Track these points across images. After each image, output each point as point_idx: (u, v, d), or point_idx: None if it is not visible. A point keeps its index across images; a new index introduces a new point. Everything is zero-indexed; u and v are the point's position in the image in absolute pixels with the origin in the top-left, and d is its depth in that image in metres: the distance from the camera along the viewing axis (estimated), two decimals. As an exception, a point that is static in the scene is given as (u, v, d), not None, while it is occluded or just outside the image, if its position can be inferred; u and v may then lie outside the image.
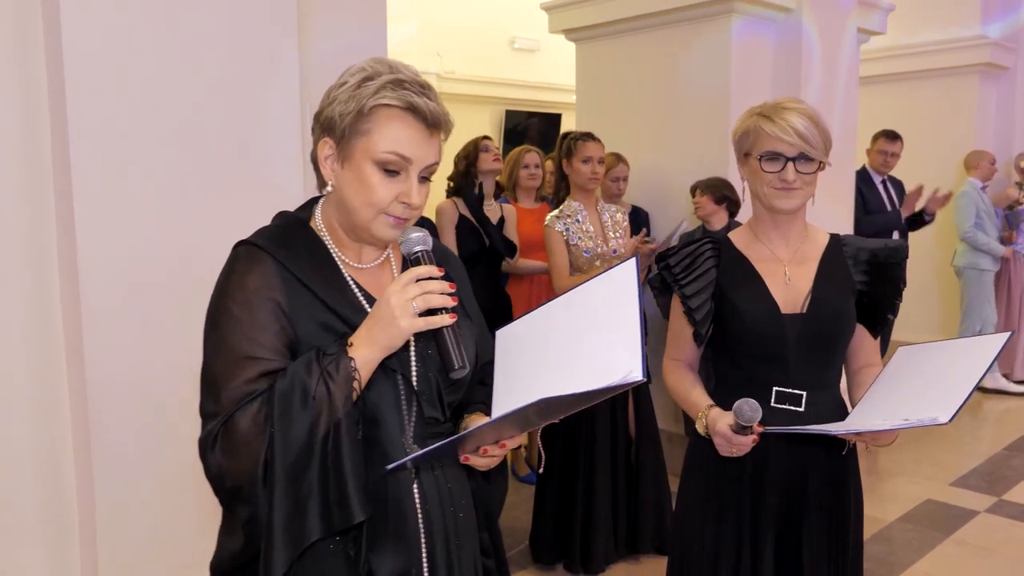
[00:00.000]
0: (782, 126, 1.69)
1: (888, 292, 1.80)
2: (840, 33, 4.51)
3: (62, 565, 2.22)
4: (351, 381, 1.14)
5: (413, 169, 1.21)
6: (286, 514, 1.12)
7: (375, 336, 1.15)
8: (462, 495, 1.32)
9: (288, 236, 1.25)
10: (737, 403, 1.59)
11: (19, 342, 2.13)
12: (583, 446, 3.20)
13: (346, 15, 2.58)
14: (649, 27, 4.46)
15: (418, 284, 1.15)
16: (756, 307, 1.76)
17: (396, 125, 1.19)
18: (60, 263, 2.14)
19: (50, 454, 2.19)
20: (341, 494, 1.13)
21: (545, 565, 3.28)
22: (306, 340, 1.18)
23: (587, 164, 3.30)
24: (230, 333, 1.16)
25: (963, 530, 3.64)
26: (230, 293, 1.18)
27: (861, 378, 1.83)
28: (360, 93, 1.19)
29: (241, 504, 1.15)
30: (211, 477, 1.16)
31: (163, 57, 2.16)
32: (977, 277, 5.99)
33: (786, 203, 1.74)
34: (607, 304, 1.24)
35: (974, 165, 6.07)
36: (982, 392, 5.92)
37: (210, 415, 1.16)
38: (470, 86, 7.47)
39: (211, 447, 1.14)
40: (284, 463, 1.11)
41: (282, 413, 1.12)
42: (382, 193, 1.20)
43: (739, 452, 1.66)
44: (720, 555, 1.80)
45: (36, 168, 2.11)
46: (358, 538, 1.20)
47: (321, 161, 1.24)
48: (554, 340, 1.27)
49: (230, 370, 1.15)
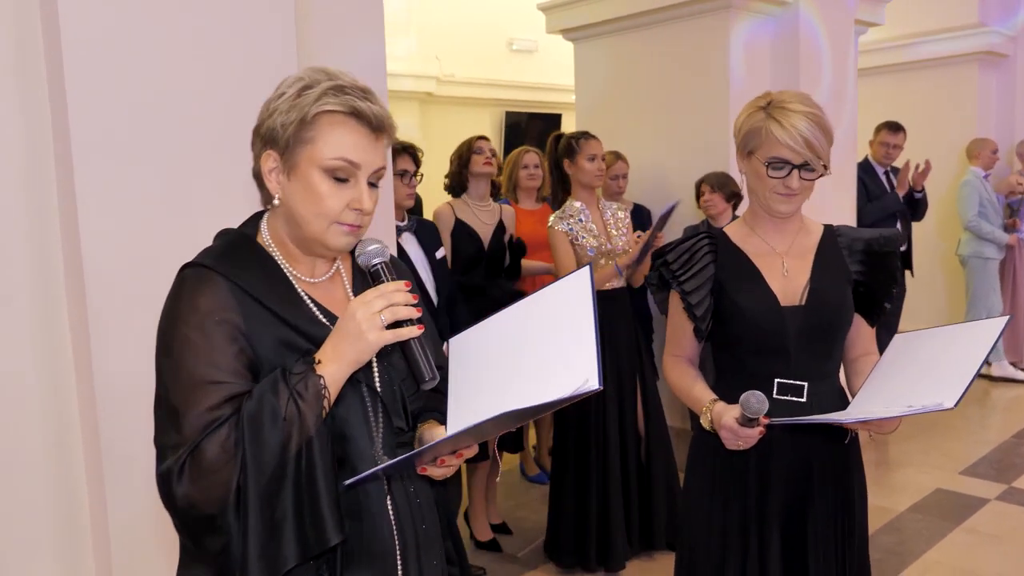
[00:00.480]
0: (792, 133, 1.67)
1: (884, 281, 1.80)
2: (838, 25, 4.51)
3: (76, 567, 2.23)
4: (321, 399, 1.12)
5: (362, 175, 1.18)
6: (260, 541, 1.08)
7: (342, 352, 1.13)
8: (428, 507, 1.31)
9: (236, 254, 1.22)
10: (744, 396, 1.59)
11: (27, 349, 2.14)
12: (595, 446, 3.21)
13: (344, 19, 2.60)
14: (646, 25, 4.47)
15: (383, 296, 1.13)
16: (756, 301, 1.77)
17: (340, 131, 1.16)
18: (65, 270, 2.16)
19: (60, 462, 2.20)
20: (315, 516, 1.10)
21: (564, 566, 3.28)
22: (267, 359, 1.15)
23: (592, 162, 3.30)
24: (187, 359, 1.12)
25: (973, 518, 3.64)
26: (182, 317, 1.14)
27: (859, 367, 1.83)
28: (301, 102, 1.16)
29: (212, 535, 1.11)
30: (177, 509, 1.12)
31: (163, 60, 2.17)
32: (982, 266, 5.98)
33: (786, 208, 1.76)
34: (562, 312, 1.22)
35: (976, 154, 6.06)
36: (990, 381, 5.92)
37: (171, 446, 1.11)
38: (469, 88, 7.48)
39: (177, 478, 1.09)
40: (257, 488, 1.08)
41: (253, 437, 1.09)
42: (332, 202, 1.17)
43: (746, 445, 1.67)
44: (727, 548, 1.80)
45: (39, 172, 2.12)
46: (332, 559, 1.17)
47: (266, 175, 1.21)
48: (509, 349, 1.25)
49: (191, 397, 1.11)
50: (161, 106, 2.17)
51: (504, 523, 3.68)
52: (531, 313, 1.27)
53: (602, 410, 3.22)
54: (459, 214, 3.50)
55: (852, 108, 4.70)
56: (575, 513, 3.24)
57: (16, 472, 2.15)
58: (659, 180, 4.43)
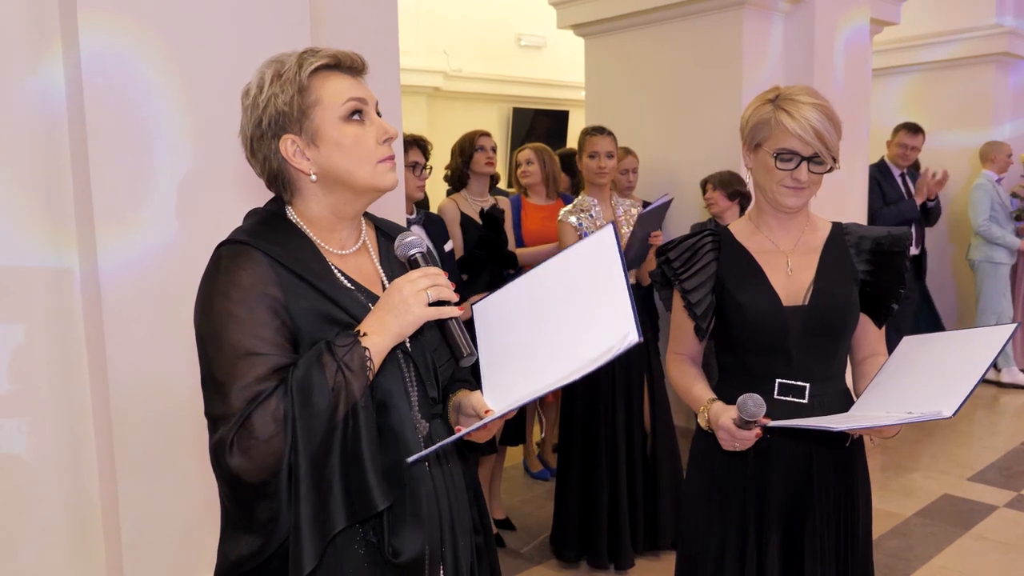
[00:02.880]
0: (802, 124, 1.63)
1: (890, 281, 1.75)
2: (853, 24, 4.47)
3: (88, 565, 2.24)
4: (366, 370, 1.15)
5: (370, 108, 1.24)
6: (312, 506, 1.12)
7: (387, 324, 1.17)
8: (459, 477, 1.35)
9: (270, 230, 1.25)
10: (741, 398, 1.57)
11: (42, 344, 2.15)
12: (604, 442, 3.19)
13: (357, 16, 2.59)
14: (658, 21, 4.44)
15: (428, 276, 1.19)
16: (757, 300, 1.73)
17: (334, 81, 1.22)
18: (80, 264, 2.17)
19: (73, 455, 2.21)
20: (361, 482, 1.13)
21: (568, 562, 3.27)
22: (306, 331, 1.18)
23: (593, 159, 3.29)
24: (231, 333, 1.14)
25: (981, 525, 3.60)
26: (224, 292, 1.16)
27: (865, 368, 1.81)
28: (287, 76, 1.20)
29: (264, 502, 1.13)
30: (228, 479, 1.14)
31: (178, 54, 2.18)
32: (992, 271, 5.93)
33: (794, 202, 1.71)
34: (589, 272, 1.23)
35: (990, 157, 5.99)
36: (999, 387, 5.87)
37: (220, 417, 1.14)
38: (477, 84, 7.46)
39: (228, 450, 1.11)
40: (307, 456, 1.11)
41: (302, 406, 1.11)
42: (367, 140, 1.23)
43: (742, 446, 1.65)
44: (726, 547, 1.78)
45: (55, 167, 2.13)
46: (378, 525, 1.20)
47: (291, 160, 1.23)
48: (538, 311, 1.27)
49: (236, 369, 1.13)
50: (175, 104, 2.18)
51: (508, 518, 3.67)
52: (556, 275, 1.28)
53: (610, 407, 3.21)
54: (463, 207, 3.51)
55: (866, 108, 4.65)
56: (581, 509, 3.23)
57: (29, 462, 2.15)
58: (670, 177, 4.40)
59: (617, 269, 1.19)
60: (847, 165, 4.63)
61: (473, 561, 1.36)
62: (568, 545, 3.26)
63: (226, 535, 1.22)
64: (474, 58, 7.36)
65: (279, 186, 1.28)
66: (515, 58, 7.80)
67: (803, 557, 1.73)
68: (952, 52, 6.39)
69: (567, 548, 3.26)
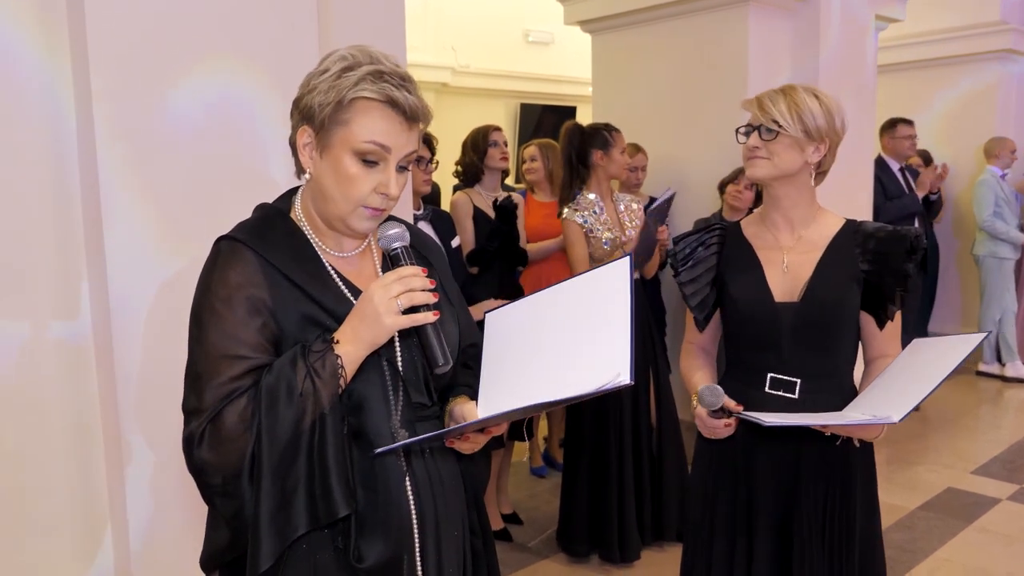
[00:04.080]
0: (750, 99, 1.78)
1: (891, 282, 1.74)
2: (858, 21, 4.48)
3: (95, 558, 2.25)
4: (337, 377, 1.16)
5: (392, 158, 1.20)
6: (272, 508, 1.13)
7: (360, 333, 1.17)
8: (450, 477, 1.33)
9: (268, 229, 1.25)
10: (700, 388, 1.64)
11: (49, 336, 2.16)
12: (613, 437, 3.21)
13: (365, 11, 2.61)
14: (665, 17, 4.46)
15: (401, 282, 1.16)
16: (749, 294, 1.77)
17: (374, 116, 1.18)
18: (88, 257, 2.17)
19: (81, 444, 2.22)
20: (325, 488, 1.14)
21: (577, 556, 3.29)
22: (291, 333, 1.19)
23: (623, 155, 3.34)
24: (213, 330, 1.16)
25: (984, 518, 3.63)
26: (213, 290, 1.18)
27: (870, 369, 1.81)
28: (340, 84, 1.17)
29: (224, 499, 1.16)
30: (195, 472, 1.17)
31: (187, 49, 2.18)
32: (997, 265, 5.94)
33: (754, 171, 1.78)
34: (599, 302, 1.23)
35: (995, 153, 6.00)
36: (1003, 381, 5.89)
37: (193, 412, 1.17)
38: (484, 80, 7.48)
39: (197, 443, 1.15)
40: (271, 458, 1.13)
41: (269, 409, 1.13)
42: (360, 185, 1.19)
43: (715, 435, 1.71)
44: (713, 543, 1.81)
45: (62, 156, 2.14)
46: (346, 529, 1.20)
47: (300, 148, 1.24)
48: (544, 332, 1.27)
49: (213, 367, 1.16)
50: (183, 96, 2.19)
51: (515, 513, 3.69)
52: (568, 298, 1.29)
53: (618, 403, 3.22)
54: (476, 201, 3.52)
55: (871, 104, 4.67)
56: (590, 503, 3.25)
57: (36, 454, 2.16)
58: (676, 173, 4.43)
59: (624, 305, 1.19)
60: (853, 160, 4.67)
61: (468, 563, 1.35)
62: (577, 539, 3.27)
63: (208, 524, 1.26)
64: (482, 54, 7.38)
65: (294, 157, 1.28)
66: (522, 54, 7.82)
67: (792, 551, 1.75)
68: (957, 49, 6.39)
69: (576, 543, 3.27)
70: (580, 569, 3.24)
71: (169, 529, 2.25)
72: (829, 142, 1.75)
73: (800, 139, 1.72)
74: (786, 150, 1.73)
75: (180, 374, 2.18)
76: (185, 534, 2.27)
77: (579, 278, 1.30)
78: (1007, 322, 5.93)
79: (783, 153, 1.73)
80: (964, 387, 5.77)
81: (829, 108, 1.73)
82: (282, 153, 2.37)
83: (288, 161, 2.33)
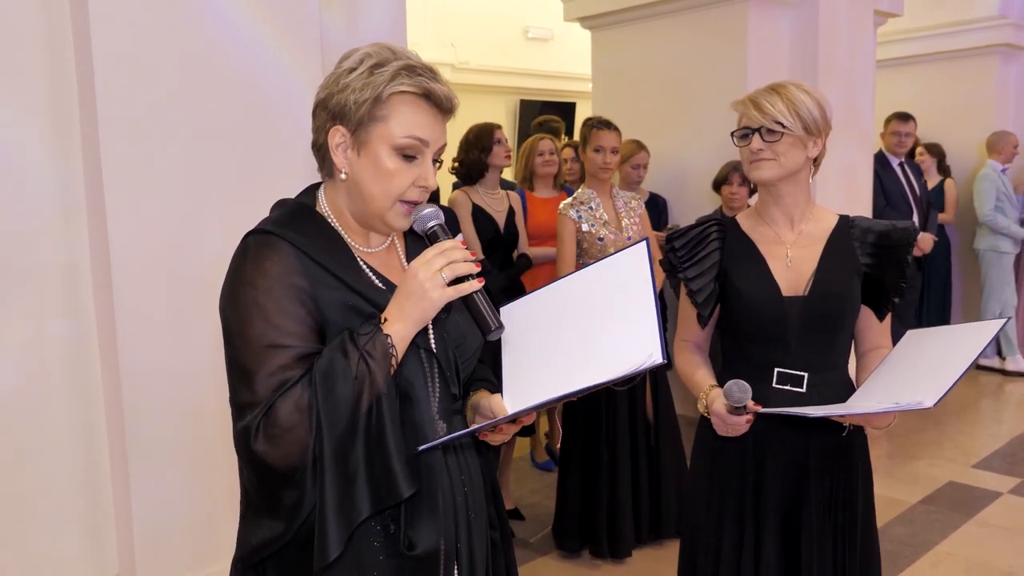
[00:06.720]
0: (744, 101, 1.75)
1: (893, 275, 1.77)
2: (857, 16, 4.48)
3: (100, 554, 2.27)
4: (389, 357, 1.16)
5: (428, 152, 1.23)
6: (337, 494, 1.13)
7: (407, 311, 1.17)
8: (476, 473, 1.35)
9: (298, 221, 1.25)
10: (727, 384, 1.61)
11: (54, 333, 2.17)
12: (605, 432, 3.21)
13: (366, 8, 2.62)
14: (664, 14, 4.46)
15: (443, 255, 1.17)
16: (757, 289, 1.77)
17: (412, 109, 1.20)
18: (92, 254, 2.19)
19: (85, 442, 2.23)
20: (386, 470, 1.14)
21: (570, 552, 3.30)
22: (333, 321, 1.19)
23: (599, 153, 3.27)
24: (257, 321, 1.15)
25: (985, 511, 3.64)
26: (251, 281, 1.17)
27: (867, 361, 1.82)
28: (374, 80, 1.18)
29: (288, 489, 1.14)
30: (255, 465, 1.15)
31: (189, 47, 2.19)
32: (997, 260, 5.95)
33: (759, 174, 1.76)
34: (620, 286, 1.24)
35: (996, 148, 6.00)
36: (1004, 375, 5.89)
37: (246, 405, 1.15)
38: (484, 76, 7.47)
39: (253, 437, 1.13)
40: (332, 444, 1.12)
41: (325, 395, 1.12)
42: (400, 179, 1.21)
43: (734, 432, 1.68)
44: (723, 534, 1.81)
45: (66, 158, 2.16)
46: (397, 514, 1.21)
47: (332, 149, 1.23)
48: (566, 321, 1.27)
49: (261, 358, 1.14)
50: (186, 94, 2.20)
51: (516, 508, 3.70)
52: (587, 286, 1.29)
53: (612, 397, 3.22)
54: (475, 199, 3.52)
55: (870, 99, 4.67)
56: (582, 499, 3.25)
57: (42, 452, 2.18)
58: (675, 170, 4.43)
59: (647, 286, 1.20)
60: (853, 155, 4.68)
61: (488, 557, 1.36)
62: (569, 535, 3.28)
63: (247, 520, 1.23)
64: (482, 50, 7.38)
65: (319, 158, 1.28)
66: (522, 50, 7.82)
67: (800, 544, 1.75)
68: (956, 43, 6.38)
69: (568, 538, 3.28)
70: (578, 567, 3.23)
71: (174, 525, 2.26)
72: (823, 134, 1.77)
73: (802, 136, 1.72)
74: (790, 149, 1.73)
75: (185, 371, 2.22)
76: (189, 533, 2.28)
77: (596, 265, 1.30)
78: (1006, 316, 5.93)
79: (788, 152, 1.73)
80: (964, 381, 5.71)
81: (819, 101, 1.74)
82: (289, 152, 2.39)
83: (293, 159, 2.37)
